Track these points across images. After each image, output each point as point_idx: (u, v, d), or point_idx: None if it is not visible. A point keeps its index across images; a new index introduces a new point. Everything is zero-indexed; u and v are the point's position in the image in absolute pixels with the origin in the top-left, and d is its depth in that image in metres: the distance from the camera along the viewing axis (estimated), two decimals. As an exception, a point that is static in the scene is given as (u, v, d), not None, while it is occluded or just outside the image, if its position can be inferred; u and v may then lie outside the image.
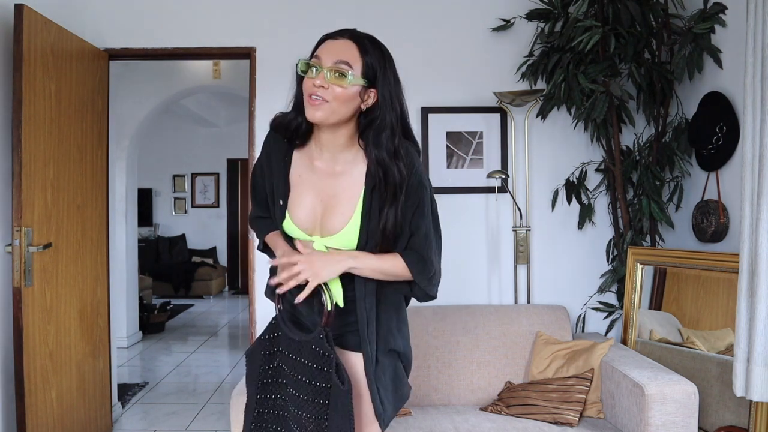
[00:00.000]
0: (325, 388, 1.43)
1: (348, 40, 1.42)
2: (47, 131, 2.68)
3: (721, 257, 2.44)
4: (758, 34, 2.01)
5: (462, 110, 3.16)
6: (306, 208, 1.51)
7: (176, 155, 8.84)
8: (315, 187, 1.52)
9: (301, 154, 1.55)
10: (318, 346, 1.42)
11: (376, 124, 1.43)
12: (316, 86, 1.39)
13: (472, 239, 3.19)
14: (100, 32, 3.20)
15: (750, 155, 2.03)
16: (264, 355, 1.52)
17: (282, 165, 1.55)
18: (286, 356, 1.50)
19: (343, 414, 1.41)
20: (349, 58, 1.40)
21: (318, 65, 1.40)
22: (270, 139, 1.60)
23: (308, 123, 1.49)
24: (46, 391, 2.63)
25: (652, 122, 2.99)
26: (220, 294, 8.67)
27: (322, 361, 1.42)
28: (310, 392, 1.44)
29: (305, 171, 1.54)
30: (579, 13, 2.75)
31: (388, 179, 1.43)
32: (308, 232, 1.52)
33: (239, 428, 2.16)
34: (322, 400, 1.43)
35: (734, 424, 2.29)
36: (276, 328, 1.52)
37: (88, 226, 3.04)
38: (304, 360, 1.45)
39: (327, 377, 1.42)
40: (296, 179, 1.54)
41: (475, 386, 2.70)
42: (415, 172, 1.47)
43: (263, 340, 1.53)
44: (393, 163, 1.43)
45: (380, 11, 3.17)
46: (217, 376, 4.60)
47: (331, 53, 1.40)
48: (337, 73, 1.38)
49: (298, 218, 1.52)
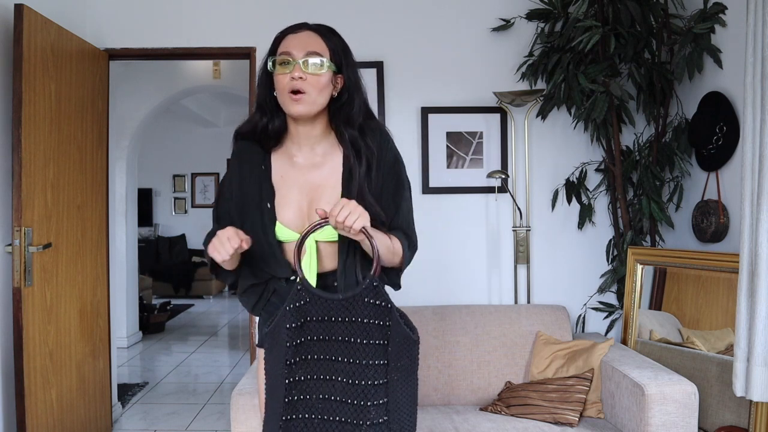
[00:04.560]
0: (382, 346, 1.33)
1: (310, 32, 1.47)
2: (47, 131, 2.68)
3: (721, 257, 2.44)
4: (758, 34, 2.01)
5: (462, 110, 3.16)
6: (293, 207, 1.50)
7: (176, 155, 8.84)
8: (298, 183, 1.52)
9: (279, 155, 1.55)
10: (373, 297, 1.33)
11: (346, 105, 1.48)
12: (294, 79, 1.41)
13: (472, 239, 3.19)
14: (100, 32, 3.20)
15: (750, 155, 2.03)
16: (290, 328, 1.35)
17: (262, 170, 1.53)
18: (327, 323, 1.35)
19: (409, 370, 1.35)
20: (317, 47, 1.44)
21: (290, 59, 1.42)
22: (240, 150, 1.57)
23: (281, 121, 1.51)
24: (46, 391, 2.63)
25: (652, 122, 2.99)
26: (220, 294, 8.67)
27: (379, 314, 1.33)
28: (367, 354, 1.32)
29: (287, 170, 1.53)
30: (579, 13, 2.75)
31: (360, 157, 1.47)
32: (297, 229, 1.50)
33: (239, 428, 2.16)
34: (381, 360, 1.33)
35: (734, 424, 2.29)
36: (302, 295, 1.36)
37: (88, 226, 3.04)
38: (358, 318, 1.33)
39: (384, 333, 1.33)
40: (279, 180, 1.52)
41: (475, 386, 2.70)
42: (390, 148, 1.52)
43: (288, 311, 1.35)
44: (362, 141, 1.47)
45: (379, 11, 3.17)
46: (217, 376, 4.60)
47: (299, 46, 1.44)
48: (310, 62, 1.42)
49: (286, 218, 1.50)
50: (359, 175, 1.46)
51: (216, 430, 3.49)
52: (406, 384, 1.36)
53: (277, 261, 1.50)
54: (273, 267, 1.51)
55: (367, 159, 1.47)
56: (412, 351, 1.35)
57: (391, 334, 1.33)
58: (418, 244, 1.55)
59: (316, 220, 1.39)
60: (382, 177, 1.50)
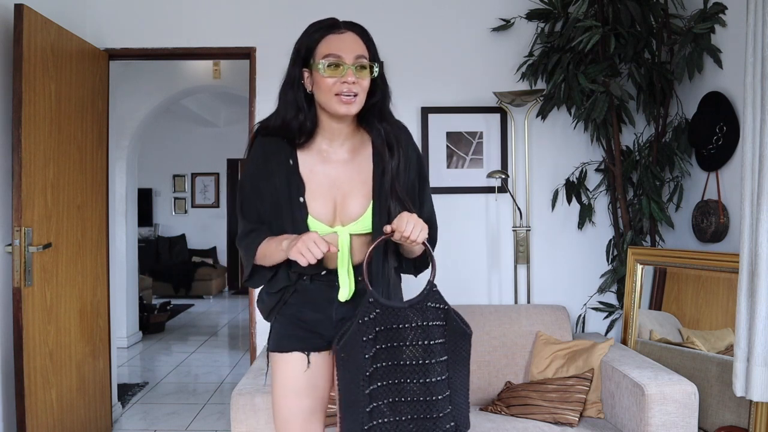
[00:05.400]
0: (443, 344, 1.45)
1: (352, 33, 1.51)
2: (47, 131, 2.68)
3: (721, 257, 2.44)
4: (758, 34, 2.01)
5: (462, 110, 3.16)
6: (324, 200, 1.53)
7: (176, 155, 8.84)
8: (329, 177, 1.54)
9: (307, 150, 1.56)
10: (434, 301, 1.45)
11: (380, 101, 1.54)
12: (349, 83, 1.44)
13: (472, 239, 3.19)
14: (100, 32, 3.20)
15: (750, 155, 2.03)
16: (366, 340, 1.42)
17: (290, 165, 1.54)
18: (396, 330, 1.43)
19: (465, 362, 1.48)
20: (362, 50, 1.49)
21: (342, 63, 1.45)
22: (264, 145, 1.58)
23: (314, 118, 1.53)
24: (46, 391, 2.63)
25: (652, 122, 2.99)
26: (220, 294, 8.67)
27: (440, 315, 1.45)
28: (433, 353, 1.43)
29: (316, 164, 1.55)
30: (579, 13, 2.75)
31: (393, 151, 1.52)
32: (329, 223, 1.52)
33: (239, 428, 2.16)
34: (443, 357, 1.45)
35: (734, 424, 2.29)
36: (372, 308, 1.43)
37: (88, 226, 3.04)
38: (425, 322, 1.44)
39: (444, 331, 1.45)
40: (308, 174, 1.54)
41: (475, 386, 2.69)
42: (413, 146, 1.61)
43: (361, 324, 1.42)
44: (393, 135, 1.54)
45: (380, 12, 3.17)
46: (217, 376, 4.60)
47: (348, 50, 1.47)
48: (361, 67, 1.47)
49: (317, 211, 1.52)
50: (392, 169, 1.51)
51: (216, 430, 3.49)
52: (462, 374, 1.49)
53: None
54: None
55: (398, 153, 1.54)
56: (467, 344, 1.48)
57: (450, 332, 1.45)
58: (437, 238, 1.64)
59: (379, 235, 1.47)
60: (409, 174, 1.57)
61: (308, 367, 1.58)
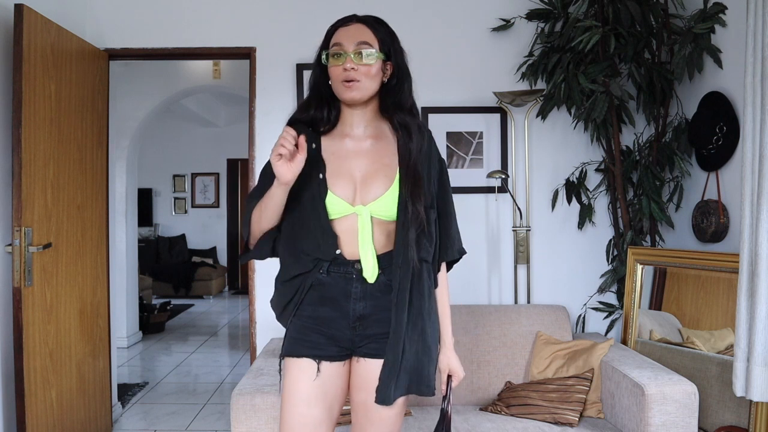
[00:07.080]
0: None
1: (359, 24, 1.58)
2: (47, 131, 2.68)
3: (721, 257, 2.44)
4: (758, 34, 2.01)
5: (462, 110, 3.16)
6: (345, 178, 1.55)
7: (176, 155, 8.84)
8: (350, 158, 1.57)
9: (330, 137, 1.61)
10: None
11: (396, 90, 1.59)
12: (347, 70, 1.49)
13: (472, 239, 3.19)
14: (100, 32, 3.20)
15: (750, 155, 2.03)
16: None
17: (312, 148, 1.58)
18: None
19: None
20: (366, 38, 1.54)
21: (343, 51, 1.51)
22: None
23: (337, 109, 1.60)
24: (46, 391, 2.63)
25: (652, 122, 2.99)
26: (220, 294, 8.67)
27: None
28: None
29: (339, 147, 1.59)
30: (579, 13, 2.75)
31: (411, 137, 1.57)
32: (349, 202, 1.53)
33: (239, 428, 2.16)
34: None
35: (734, 424, 2.29)
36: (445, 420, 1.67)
37: (88, 226, 3.04)
38: None
39: None
40: (330, 156, 1.58)
41: (475, 386, 2.70)
42: (435, 148, 1.67)
43: None
44: (413, 121, 1.60)
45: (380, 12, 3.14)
46: (217, 376, 4.60)
47: (350, 38, 1.53)
48: (362, 53, 1.51)
49: (338, 189, 1.54)
50: (414, 152, 1.57)
51: (216, 430, 3.49)
52: None
53: (325, 234, 1.52)
54: (320, 242, 1.52)
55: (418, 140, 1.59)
56: None
57: None
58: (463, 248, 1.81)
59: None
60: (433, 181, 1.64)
61: (317, 375, 1.54)
